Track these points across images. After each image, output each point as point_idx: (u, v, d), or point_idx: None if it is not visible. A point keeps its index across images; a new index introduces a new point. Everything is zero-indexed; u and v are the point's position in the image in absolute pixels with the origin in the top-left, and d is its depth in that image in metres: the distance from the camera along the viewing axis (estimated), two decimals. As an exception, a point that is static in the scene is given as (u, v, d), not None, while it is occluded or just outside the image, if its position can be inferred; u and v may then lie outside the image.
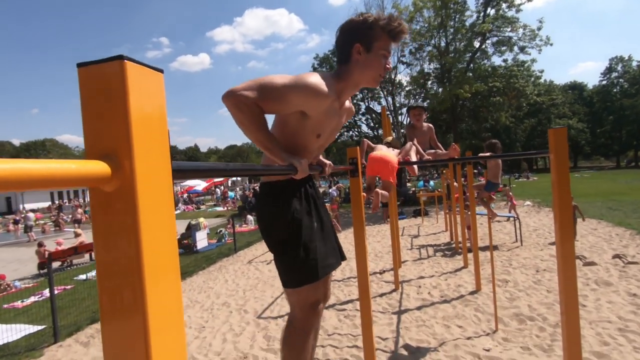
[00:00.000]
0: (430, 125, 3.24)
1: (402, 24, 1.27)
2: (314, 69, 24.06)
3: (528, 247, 7.34)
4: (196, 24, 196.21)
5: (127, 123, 0.40)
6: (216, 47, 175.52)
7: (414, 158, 2.90)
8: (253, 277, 6.95)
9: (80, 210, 21.28)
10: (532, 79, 21.78)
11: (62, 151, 62.24)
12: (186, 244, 10.17)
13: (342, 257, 1.73)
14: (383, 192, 3.23)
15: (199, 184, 30.06)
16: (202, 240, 10.26)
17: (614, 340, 3.47)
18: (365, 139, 3.22)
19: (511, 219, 9.70)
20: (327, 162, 1.51)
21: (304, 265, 1.42)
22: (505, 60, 20.26)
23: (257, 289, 6.15)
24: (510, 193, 13.22)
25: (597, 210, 11.36)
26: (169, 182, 0.47)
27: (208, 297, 5.95)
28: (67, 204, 33.24)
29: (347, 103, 1.46)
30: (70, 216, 24.92)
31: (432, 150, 3.04)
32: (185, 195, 30.78)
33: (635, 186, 20.01)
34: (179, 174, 0.53)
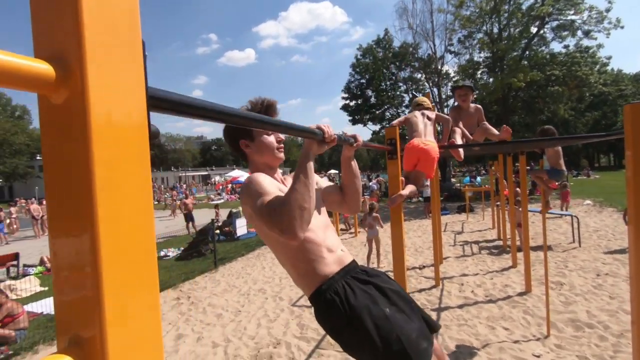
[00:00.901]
0: (479, 106, 2.95)
1: (265, 101, 1.35)
2: (357, 60, 23.67)
3: (587, 249, 6.68)
4: (243, 20, 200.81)
5: (77, 18, 0.32)
6: (261, 42, 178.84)
7: (459, 141, 2.65)
8: (290, 265, 6.98)
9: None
10: (597, 66, 19.80)
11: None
12: (227, 231, 10.48)
13: (433, 329, 1.39)
14: (411, 188, 2.94)
15: (243, 175, 31.02)
16: (241, 227, 10.52)
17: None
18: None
19: (566, 217, 8.91)
20: (359, 135, 1.38)
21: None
22: (566, 47, 18.54)
23: (293, 277, 6.16)
24: (568, 189, 12.21)
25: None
26: (141, 109, 0.38)
27: (245, 282, 6.06)
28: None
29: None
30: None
31: (481, 128, 2.75)
32: (229, 186, 31.93)
33: None
34: (155, 102, 0.43)
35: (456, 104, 3.03)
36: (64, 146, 0.33)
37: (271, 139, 1.37)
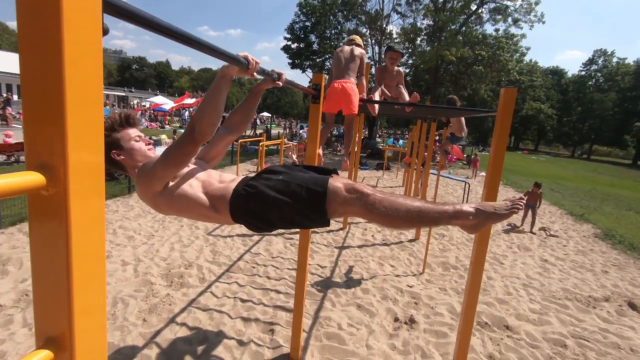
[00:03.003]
0: (401, 70, 3.24)
1: (122, 113, 1.50)
2: (304, 0, 22.48)
3: (471, 211, 7.94)
4: None
5: None
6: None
7: (377, 97, 2.95)
8: (209, 199, 7.05)
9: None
10: (518, 54, 21.86)
11: (13, 39, 55.76)
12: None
13: (328, 172, 1.46)
14: (348, 142, 3.25)
15: (167, 103, 28.61)
16: (162, 157, 10.05)
17: (516, 292, 4.02)
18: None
19: (461, 183, 10.30)
20: (284, 74, 1.52)
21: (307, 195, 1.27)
22: (497, 30, 20.03)
23: (212, 210, 6.28)
24: (478, 158, 14.35)
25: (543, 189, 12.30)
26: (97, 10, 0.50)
27: (161, 210, 6.01)
28: (15, 98, 30.55)
29: None
30: (20, 112, 23.16)
31: (397, 90, 3.08)
32: (150, 112, 29.34)
33: (580, 175, 21.64)
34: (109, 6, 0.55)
35: (383, 64, 3.28)
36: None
37: (140, 143, 1.50)
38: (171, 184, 1.39)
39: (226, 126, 1.68)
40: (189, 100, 22.76)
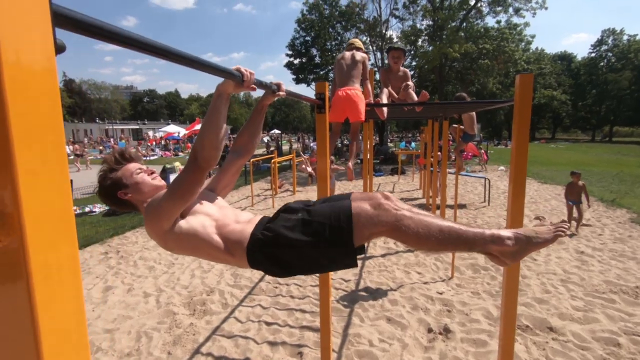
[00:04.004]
0: (407, 70, 3.14)
1: (114, 152, 1.45)
2: (302, 16, 22.83)
3: (494, 207, 7.66)
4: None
5: None
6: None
7: (384, 100, 2.86)
8: (226, 221, 7.02)
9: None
10: (523, 44, 21.46)
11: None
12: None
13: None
14: (353, 152, 3.17)
15: (180, 131, 29.27)
16: (177, 184, 10.19)
17: (555, 289, 3.77)
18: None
19: (481, 179, 10.01)
20: (284, 85, 1.45)
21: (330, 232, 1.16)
22: (498, 22, 19.75)
23: (230, 232, 6.24)
24: (482, 151, 14.08)
25: (565, 178, 11.84)
26: (45, 23, 0.43)
27: (180, 237, 6.00)
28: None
29: None
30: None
31: (405, 91, 2.98)
32: (163, 142, 30.03)
33: (604, 159, 20.81)
34: (60, 18, 0.47)
35: (388, 65, 3.19)
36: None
37: (142, 175, 1.44)
38: (181, 221, 1.29)
39: (234, 150, 1.59)
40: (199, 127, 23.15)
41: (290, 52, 24.10)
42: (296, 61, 24.06)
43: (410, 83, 2.94)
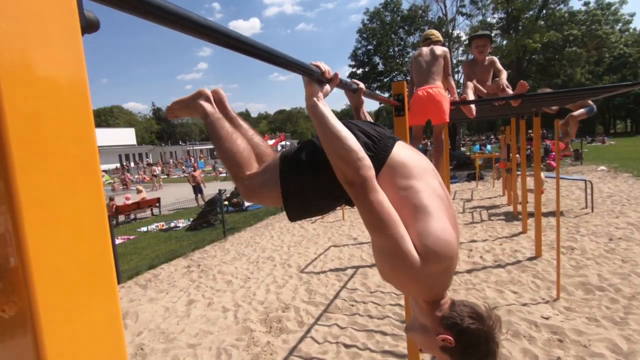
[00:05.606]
0: (494, 58, 2.76)
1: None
2: (363, 25, 22.78)
3: (600, 214, 6.55)
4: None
5: None
6: (266, 10, 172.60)
7: (471, 96, 2.52)
8: (298, 234, 7.03)
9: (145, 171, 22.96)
10: (619, 25, 18.71)
11: (127, 117, 67.21)
12: (235, 202, 10.55)
13: None
14: (440, 155, 2.86)
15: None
16: (250, 199, 10.58)
17: None
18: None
19: (579, 183, 8.72)
20: (359, 82, 1.28)
21: None
22: (586, 3, 17.50)
23: (301, 245, 6.20)
24: (570, 146, 12.30)
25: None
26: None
27: (254, 251, 6.12)
28: (132, 165, 36.23)
29: None
30: (136, 176, 27.31)
31: (494, 82, 2.59)
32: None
33: None
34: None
35: (470, 57, 2.84)
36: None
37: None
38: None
39: None
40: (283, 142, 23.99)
41: (352, 63, 24.16)
42: (359, 71, 24.00)
43: (503, 70, 2.55)
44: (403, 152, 0.99)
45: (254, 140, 1.29)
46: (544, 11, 17.59)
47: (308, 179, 1.04)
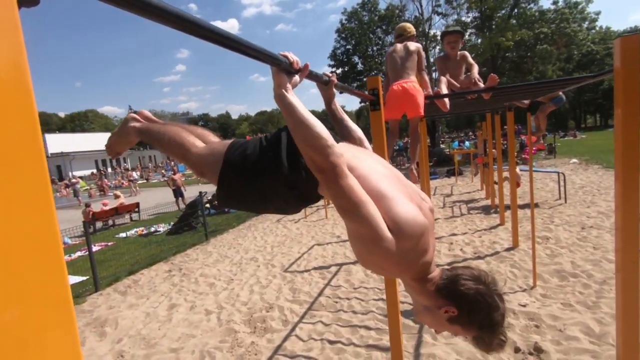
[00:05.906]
0: (465, 52, 2.83)
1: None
2: (342, 25, 22.90)
3: (573, 205, 6.80)
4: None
5: None
6: (244, 11, 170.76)
7: (444, 90, 2.57)
8: (281, 234, 7.00)
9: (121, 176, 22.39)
10: (587, 22, 19.49)
11: (103, 121, 65.30)
12: (217, 204, 10.43)
13: None
14: (413, 153, 2.91)
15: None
16: (233, 201, 10.47)
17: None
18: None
19: (552, 175, 9.03)
20: (331, 74, 1.28)
21: None
22: (555, 2, 18.14)
23: (285, 245, 6.18)
24: (542, 141, 12.85)
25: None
26: None
27: (237, 252, 6.06)
28: (109, 171, 35.24)
29: None
30: (113, 182, 26.57)
31: (466, 76, 2.66)
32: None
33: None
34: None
35: (442, 53, 2.91)
36: None
37: None
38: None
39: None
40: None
41: (332, 63, 24.24)
42: (339, 71, 24.09)
43: (474, 64, 2.62)
44: (342, 146, 1.03)
45: (197, 131, 1.33)
46: (516, 10, 18.14)
47: (248, 176, 1.14)
